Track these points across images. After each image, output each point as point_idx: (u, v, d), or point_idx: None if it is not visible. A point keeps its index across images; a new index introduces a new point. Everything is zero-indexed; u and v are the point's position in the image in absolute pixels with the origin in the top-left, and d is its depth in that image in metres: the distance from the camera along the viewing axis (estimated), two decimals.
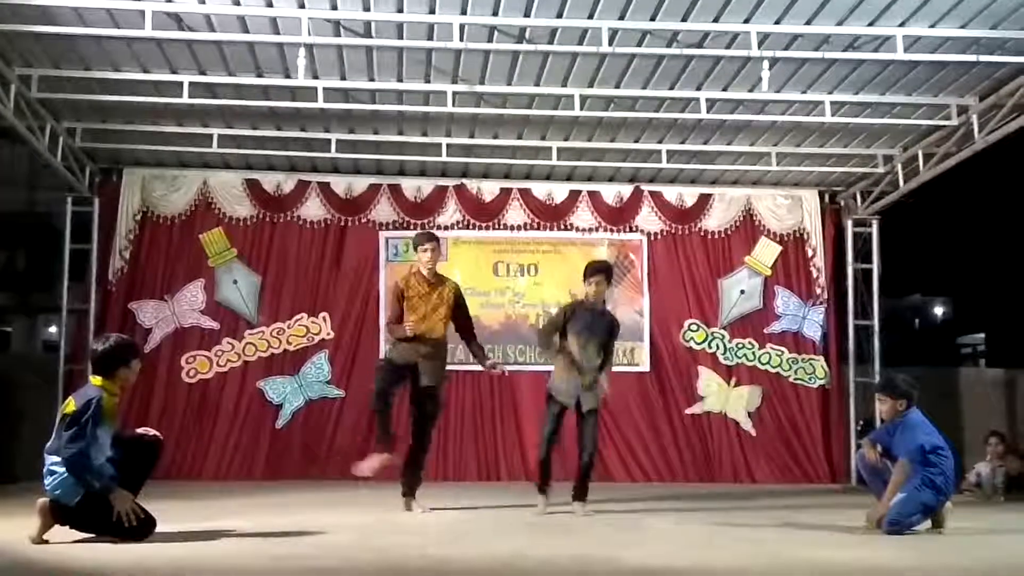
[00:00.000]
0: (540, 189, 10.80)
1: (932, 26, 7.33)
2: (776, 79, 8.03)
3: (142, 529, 5.26)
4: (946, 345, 27.26)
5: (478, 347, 7.38)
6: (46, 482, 5.21)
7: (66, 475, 5.14)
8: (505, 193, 10.74)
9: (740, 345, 10.72)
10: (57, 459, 5.18)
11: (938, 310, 30.16)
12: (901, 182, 9.97)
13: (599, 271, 7.16)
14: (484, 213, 10.71)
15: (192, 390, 10.11)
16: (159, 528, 5.38)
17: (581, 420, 7.09)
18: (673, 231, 10.84)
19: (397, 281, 7.24)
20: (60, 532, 5.19)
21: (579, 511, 7.07)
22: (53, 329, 16.76)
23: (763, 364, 10.71)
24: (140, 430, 5.82)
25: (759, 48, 7.41)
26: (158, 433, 5.82)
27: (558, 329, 7.15)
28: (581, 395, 6.98)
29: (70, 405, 5.24)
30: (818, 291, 10.82)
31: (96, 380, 5.37)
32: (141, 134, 9.50)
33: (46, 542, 5.11)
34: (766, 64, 7.58)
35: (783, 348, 10.74)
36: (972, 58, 7.68)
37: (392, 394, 7.07)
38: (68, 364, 9.70)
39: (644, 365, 10.61)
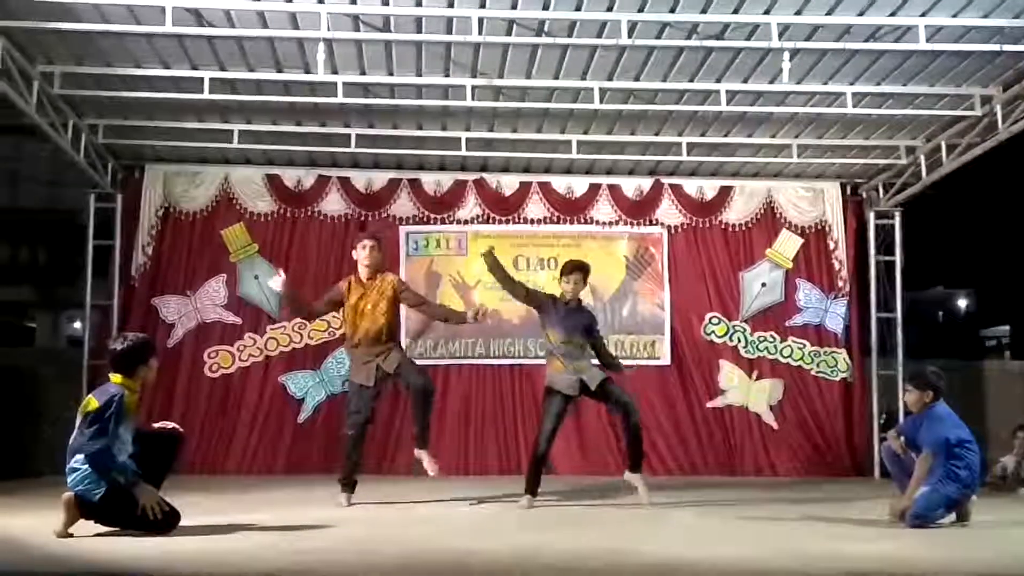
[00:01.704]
0: (560, 183, 10.77)
1: (954, 15, 7.25)
2: (797, 70, 7.96)
3: (166, 523, 5.30)
4: (970, 338, 27.07)
5: (441, 309, 7.57)
6: (69, 479, 5.26)
7: (89, 471, 5.18)
8: (525, 187, 10.72)
9: (762, 338, 10.67)
10: (80, 457, 5.22)
11: (962, 302, 29.93)
12: (924, 173, 9.88)
13: (577, 269, 7.35)
14: (504, 207, 10.69)
15: (215, 385, 10.16)
16: (183, 522, 5.42)
17: (602, 396, 7.11)
18: (693, 224, 10.80)
19: (340, 284, 7.31)
20: (85, 526, 5.24)
21: (642, 491, 7.03)
22: (78, 324, 16.89)
23: (785, 357, 10.65)
24: (159, 424, 5.86)
25: (780, 39, 7.35)
26: (178, 426, 5.86)
27: (524, 291, 7.31)
28: (583, 377, 7.02)
29: (91, 403, 5.28)
30: (840, 284, 10.75)
31: (116, 378, 5.41)
32: (162, 130, 9.54)
33: (71, 536, 5.15)
34: (787, 55, 7.52)
35: (805, 341, 10.68)
36: (995, 47, 7.59)
37: (369, 422, 7.18)
38: (92, 359, 9.75)
39: (665, 359, 10.57)
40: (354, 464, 7.08)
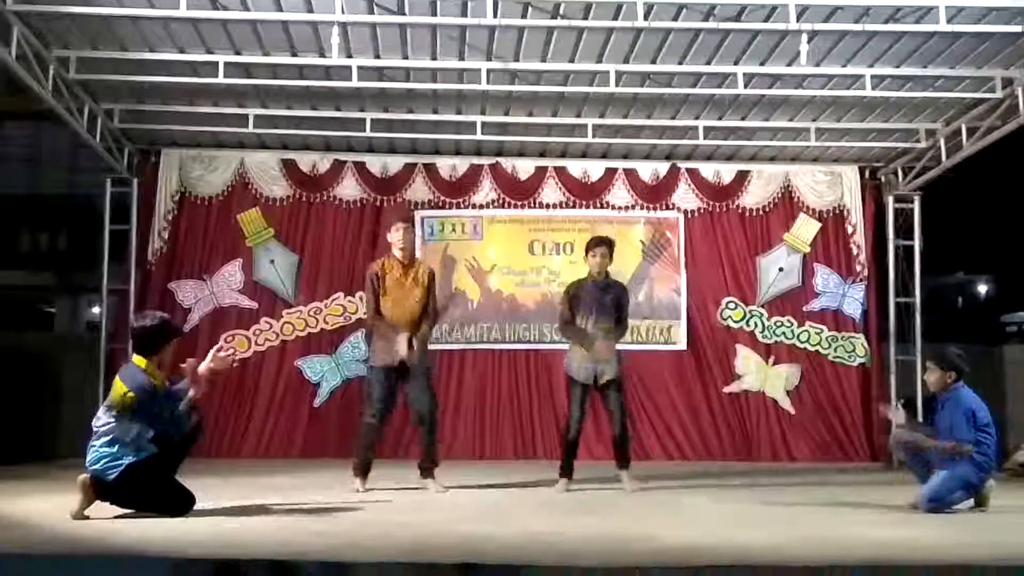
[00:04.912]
0: (576, 167, 10.73)
1: None
2: (815, 53, 7.89)
3: (182, 505, 5.32)
4: (990, 323, 26.84)
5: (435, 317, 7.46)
6: (88, 458, 5.29)
7: (109, 453, 5.21)
8: (540, 171, 10.69)
9: (779, 323, 10.60)
10: (102, 440, 5.25)
11: (982, 288, 29.69)
12: (944, 157, 9.77)
13: (602, 243, 7.36)
14: (519, 191, 10.66)
15: (231, 369, 10.18)
16: (198, 504, 5.44)
17: (603, 395, 7.20)
18: (710, 208, 10.73)
19: (373, 267, 7.22)
20: (101, 508, 5.26)
21: (627, 484, 7.13)
22: (96, 309, 16.97)
23: (802, 342, 10.59)
24: (182, 406, 5.81)
25: (798, 21, 7.27)
26: (199, 410, 5.82)
27: (570, 318, 7.30)
28: (597, 369, 7.08)
29: (121, 387, 5.28)
30: (858, 268, 10.67)
31: (140, 361, 5.41)
32: (178, 115, 9.55)
33: (87, 518, 5.18)
34: (805, 37, 7.43)
35: (822, 326, 10.61)
36: (1017, 29, 7.47)
37: (391, 406, 7.14)
38: (109, 343, 9.81)
39: (681, 344, 10.53)
40: (370, 451, 7.07)
